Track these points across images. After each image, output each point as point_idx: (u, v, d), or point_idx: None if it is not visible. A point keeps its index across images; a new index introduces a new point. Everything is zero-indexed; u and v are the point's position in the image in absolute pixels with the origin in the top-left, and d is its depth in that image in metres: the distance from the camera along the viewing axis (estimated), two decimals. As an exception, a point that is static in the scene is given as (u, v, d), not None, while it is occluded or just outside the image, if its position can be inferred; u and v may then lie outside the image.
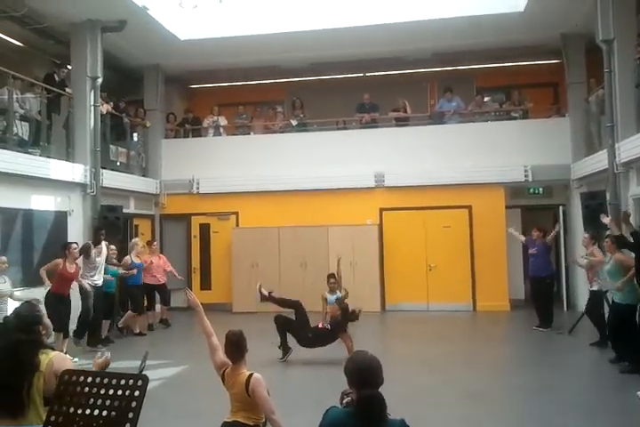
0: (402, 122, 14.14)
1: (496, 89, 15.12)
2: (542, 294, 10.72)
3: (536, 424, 5.64)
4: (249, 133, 14.91)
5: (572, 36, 12.64)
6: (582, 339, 9.32)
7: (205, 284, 14.28)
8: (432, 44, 13.20)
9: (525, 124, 13.40)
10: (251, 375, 4.72)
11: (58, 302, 8.54)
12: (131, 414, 2.71)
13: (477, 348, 9.52)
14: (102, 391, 2.82)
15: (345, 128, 14.65)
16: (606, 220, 8.27)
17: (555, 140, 12.93)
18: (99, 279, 9.82)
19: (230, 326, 5.46)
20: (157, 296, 11.90)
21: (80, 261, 9.39)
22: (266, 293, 8.88)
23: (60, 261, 8.84)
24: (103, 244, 10.02)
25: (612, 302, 7.86)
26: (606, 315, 8.67)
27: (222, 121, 14.92)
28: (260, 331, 8.72)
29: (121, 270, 10.56)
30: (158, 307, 11.95)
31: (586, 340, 9.17)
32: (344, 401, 3.05)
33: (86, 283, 9.44)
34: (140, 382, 2.76)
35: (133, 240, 11.38)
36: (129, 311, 10.88)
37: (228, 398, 5.35)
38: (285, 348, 8.60)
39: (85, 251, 9.48)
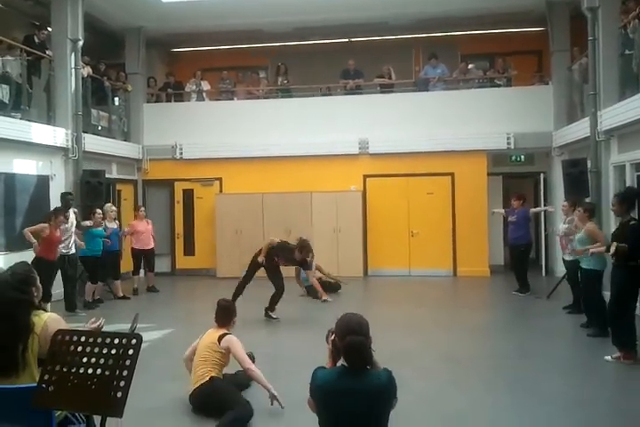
0: (386, 88, 14.08)
1: (480, 56, 15.06)
2: (519, 260, 10.92)
3: (514, 386, 5.81)
4: (232, 99, 14.78)
5: (556, 3, 12.62)
6: (560, 303, 9.53)
7: (189, 249, 14.33)
8: (417, 9, 13.08)
9: (509, 92, 13.42)
10: (226, 333, 5.14)
11: (47, 267, 8.49)
12: (125, 373, 2.77)
13: (458, 312, 9.72)
14: (96, 350, 2.87)
15: (329, 94, 14.56)
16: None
17: (537, 108, 12.99)
18: (66, 248, 9.50)
19: (216, 290, 5.59)
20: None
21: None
22: None
23: (46, 225, 8.78)
24: (71, 211, 9.80)
25: (580, 268, 8.03)
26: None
27: (205, 86, 14.76)
28: (244, 295, 8.86)
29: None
30: (142, 272, 11.99)
31: (563, 304, 9.39)
32: (331, 337, 3.16)
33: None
34: (133, 341, 2.82)
35: (107, 205, 11.06)
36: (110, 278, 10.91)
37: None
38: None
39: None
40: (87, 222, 10.30)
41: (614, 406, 5.34)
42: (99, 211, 10.41)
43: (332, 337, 3.14)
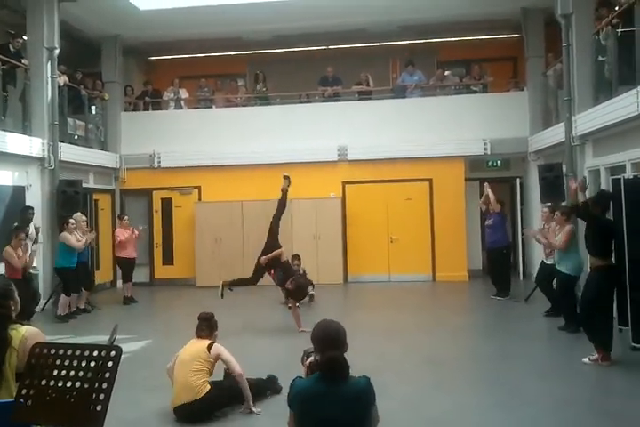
0: (364, 95, 14.16)
1: (457, 63, 15.22)
2: (499, 264, 10.99)
3: (496, 389, 5.86)
4: (211, 107, 14.76)
5: (531, 10, 12.82)
6: (537, 307, 9.61)
7: (167, 259, 14.22)
8: (394, 17, 13.20)
9: (485, 98, 13.57)
10: (213, 342, 5.23)
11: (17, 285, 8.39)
12: (104, 385, 2.72)
13: (438, 316, 9.74)
14: (74, 363, 2.82)
15: (308, 101, 14.60)
16: (574, 184, 8.21)
17: (513, 114, 13.14)
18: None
19: (196, 299, 5.58)
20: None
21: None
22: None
23: (11, 251, 8.68)
24: (32, 225, 9.69)
25: (557, 271, 8.13)
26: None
27: (183, 94, 14.72)
28: (223, 303, 8.81)
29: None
30: (119, 282, 11.88)
31: (541, 308, 9.46)
32: (307, 362, 3.17)
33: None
34: (113, 353, 2.78)
35: (76, 215, 10.70)
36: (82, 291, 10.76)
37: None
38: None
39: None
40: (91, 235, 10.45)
41: (596, 406, 5.40)
42: (72, 221, 10.21)
43: (308, 362, 3.13)
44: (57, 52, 11.32)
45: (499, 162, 14.11)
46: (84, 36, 13.80)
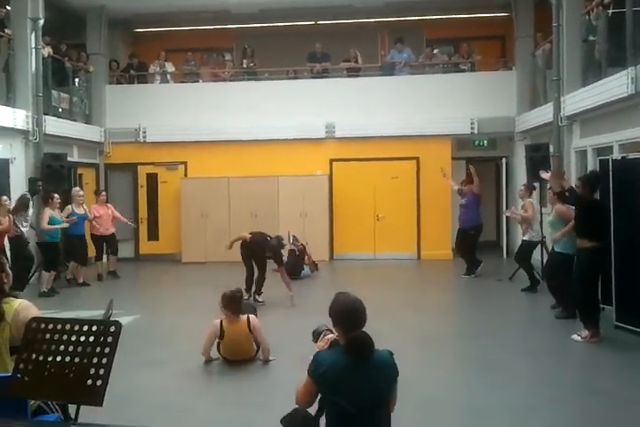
0: (353, 73, 14.06)
1: (445, 41, 15.14)
2: (468, 243, 11.18)
3: (485, 366, 5.93)
4: (197, 81, 14.58)
5: (521, -12, 12.75)
6: (522, 285, 9.71)
7: (153, 234, 14.15)
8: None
9: (473, 77, 13.53)
10: (249, 316, 6.04)
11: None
12: (104, 360, 2.72)
13: (423, 294, 9.85)
14: (73, 338, 2.81)
15: (296, 77, 14.47)
16: (545, 175, 8.44)
17: (501, 93, 13.14)
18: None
19: (181, 275, 5.57)
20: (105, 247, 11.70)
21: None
22: None
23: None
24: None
25: (552, 250, 8.21)
26: (541, 263, 9.31)
27: (170, 67, 14.50)
28: (209, 279, 8.84)
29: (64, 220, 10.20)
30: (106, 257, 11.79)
31: (525, 286, 9.60)
32: (326, 337, 3.14)
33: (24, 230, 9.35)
34: (112, 328, 2.79)
35: (74, 189, 10.99)
36: (71, 262, 10.70)
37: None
38: None
39: (25, 205, 9.27)
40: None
41: (584, 383, 5.50)
42: (56, 196, 10.17)
43: (327, 339, 3.10)
44: (41, 22, 11.05)
45: (485, 141, 14.15)
46: (69, 6, 13.47)
